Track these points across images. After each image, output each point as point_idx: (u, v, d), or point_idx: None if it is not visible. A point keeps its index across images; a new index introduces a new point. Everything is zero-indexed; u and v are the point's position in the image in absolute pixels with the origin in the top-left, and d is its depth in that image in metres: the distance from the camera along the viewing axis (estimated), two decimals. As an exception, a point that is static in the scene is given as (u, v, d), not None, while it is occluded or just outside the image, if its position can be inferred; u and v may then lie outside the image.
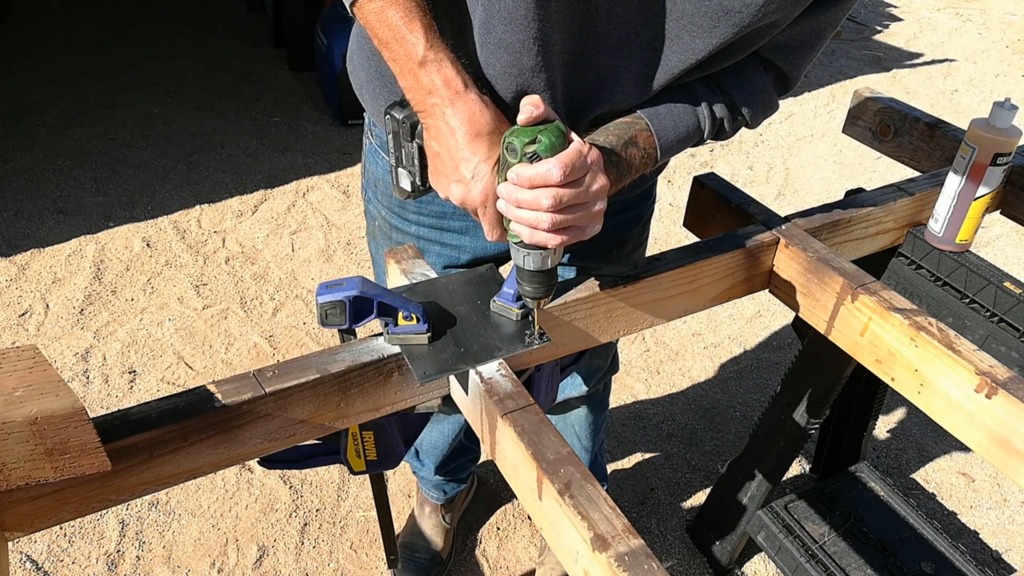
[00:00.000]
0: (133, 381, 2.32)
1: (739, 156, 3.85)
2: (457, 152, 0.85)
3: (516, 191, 0.80)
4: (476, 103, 0.85)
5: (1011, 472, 0.92)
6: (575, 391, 1.62)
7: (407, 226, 1.26)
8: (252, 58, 4.43)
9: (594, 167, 0.82)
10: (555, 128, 0.79)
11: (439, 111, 0.85)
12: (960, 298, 1.23)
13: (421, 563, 1.87)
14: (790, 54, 1.02)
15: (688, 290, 1.08)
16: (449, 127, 0.85)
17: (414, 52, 0.84)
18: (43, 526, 0.75)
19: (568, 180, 0.79)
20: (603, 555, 0.69)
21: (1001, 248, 3.25)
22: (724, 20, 0.89)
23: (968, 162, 1.17)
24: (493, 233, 0.89)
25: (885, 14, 5.95)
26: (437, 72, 0.84)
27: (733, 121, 1.04)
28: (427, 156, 0.91)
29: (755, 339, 2.71)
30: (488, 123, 0.85)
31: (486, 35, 0.91)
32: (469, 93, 0.85)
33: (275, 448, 0.86)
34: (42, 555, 1.85)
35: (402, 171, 0.97)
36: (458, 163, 0.86)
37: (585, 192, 0.81)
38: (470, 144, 0.84)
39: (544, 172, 0.78)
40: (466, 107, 0.84)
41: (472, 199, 0.87)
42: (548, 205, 0.79)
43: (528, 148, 0.78)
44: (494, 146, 0.85)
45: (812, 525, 1.76)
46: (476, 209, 0.88)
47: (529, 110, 0.78)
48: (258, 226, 3.07)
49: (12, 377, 0.66)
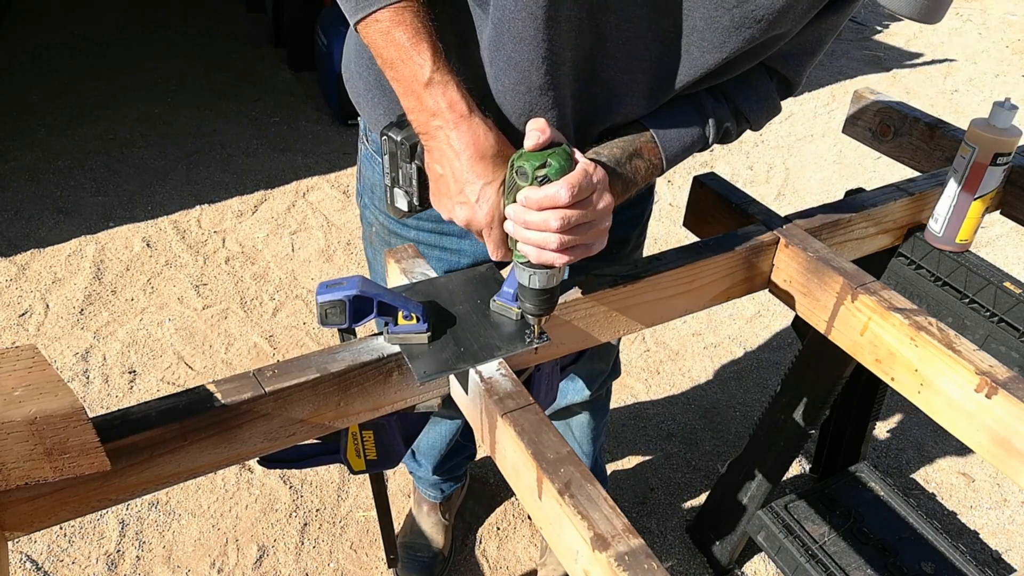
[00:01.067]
0: (133, 381, 2.32)
1: (739, 156, 3.85)
2: (462, 175, 0.86)
3: (525, 213, 0.81)
4: (480, 126, 0.85)
5: (1011, 472, 0.92)
6: (578, 396, 1.61)
7: (406, 231, 1.25)
8: (252, 58, 4.43)
9: (600, 186, 0.83)
10: (563, 152, 0.81)
11: (443, 134, 0.85)
12: (960, 298, 1.23)
13: (424, 561, 1.87)
14: (792, 61, 1.03)
15: (688, 290, 1.08)
16: (454, 150, 0.85)
17: (420, 73, 0.84)
18: (43, 526, 0.75)
19: (576, 201, 0.80)
20: (603, 555, 0.69)
21: (1001, 248, 3.25)
22: (735, 35, 0.89)
23: (968, 162, 1.17)
24: (498, 253, 0.90)
25: (885, 14, 5.95)
26: (442, 95, 0.84)
27: (737, 126, 1.05)
28: (429, 178, 0.92)
29: (755, 339, 2.71)
30: (492, 146, 0.85)
31: (495, 52, 0.91)
32: (474, 117, 0.85)
33: (275, 448, 0.86)
34: (42, 555, 1.85)
35: (398, 191, 0.97)
36: (463, 185, 0.86)
37: (592, 211, 0.83)
38: (474, 167, 0.85)
39: (553, 194, 0.79)
40: (470, 130, 0.85)
41: (478, 221, 0.88)
42: (557, 226, 0.80)
43: (539, 172, 0.80)
44: (498, 168, 0.86)
45: (812, 525, 1.76)
46: (481, 230, 0.89)
47: (536, 135, 0.79)
48: (258, 226, 3.07)
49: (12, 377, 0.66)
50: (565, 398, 1.63)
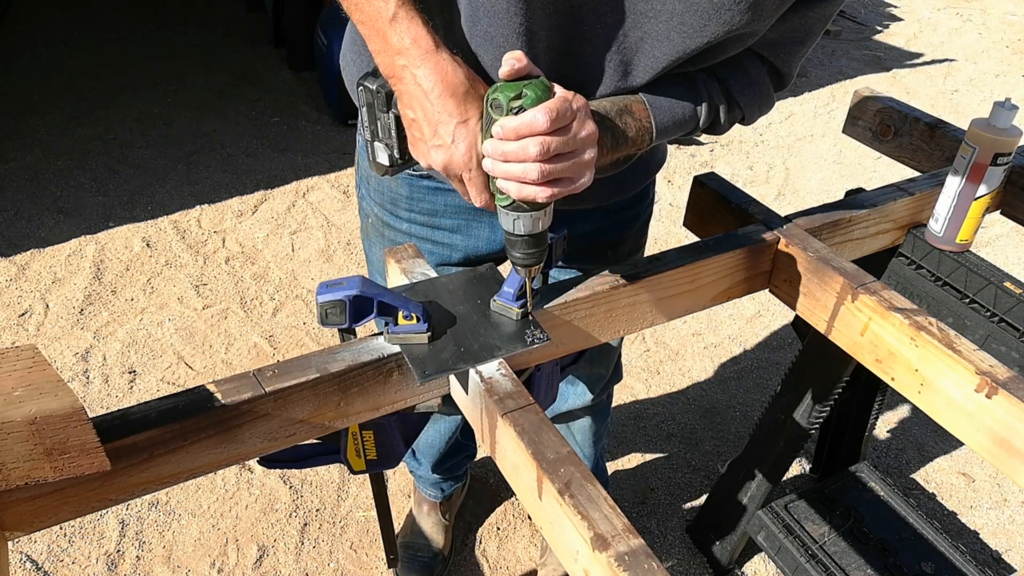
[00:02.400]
0: (133, 381, 2.32)
1: (739, 156, 3.85)
2: (434, 115, 0.82)
3: (502, 144, 0.78)
4: (448, 62, 0.81)
5: (1011, 472, 0.92)
6: (579, 401, 1.61)
7: (399, 223, 1.25)
8: (252, 58, 4.43)
9: (581, 113, 0.80)
10: (540, 83, 0.78)
11: (409, 73, 0.81)
12: (960, 298, 1.23)
13: (424, 561, 1.87)
14: (780, 50, 1.01)
15: (688, 290, 1.08)
16: (422, 89, 0.81)
17: (385, 9, 0.81)
18: (43, 526, 0.75)
19: (555, 127, 0.77)
20: (603, 555, 0.69)
21: (1001, 248, 3.25)
22: (715, 19, 0.88)
23: (968, 162, 1.17)
24: (480, 198, 0.86)
25: (885, 14, 5.95)
26: (407, 30, 0.81)
27: (729, 111, 1.03)
28: (404, 125, 0.87)
29: (755, 339, 2.71)
30: (463, 82, 0.81)
31: (472, 28, 0.91)
32: (440, 52, 0.81)
33: (275, 448, 0.86)
34: (42, 555, 1.85)
35: (379, 145, 0.92)
36: (436, 126, 0.82)
37: (574, 139, 0.79)
38: (445, 105, 0.81)
39: (529, 120, 0.76)
40: (437, 66, 0.81)
41: (455, 163, 0.83)
42: (536, 153, 0.77)
43: (514, 103, 0.77)
44: (472, 106, 0.82)
45: (812, 525, 1.76)
46: (461, 174, 0.85)
47: (511, 63, 0.77)
48: (258, 226, 3.07)
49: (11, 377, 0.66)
50: (566, 402, 1.62)
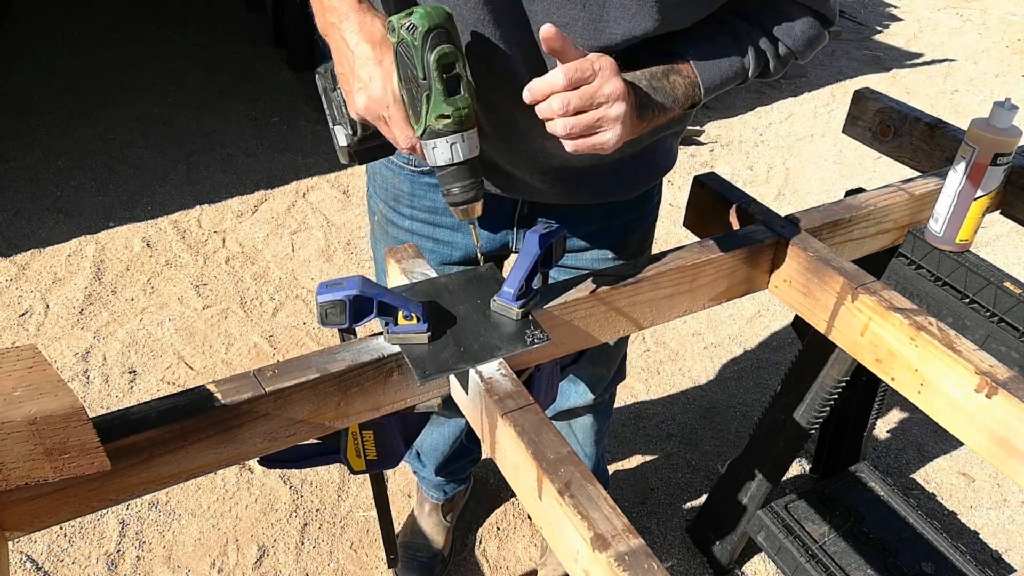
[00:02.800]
0: (133, 381, 2.32)
1: (739, 156, 3.85)
2: (354, 62, 0.86)
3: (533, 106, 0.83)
4: (368, 15, 0.86)
5: (1011, 472, 0.92)
6: (580, 400, 1.61)
7: (401, 220, 1.26)
8: (252, 58, 4.43)
9: (604, 71, 0.83)
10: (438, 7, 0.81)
11: (336, 31, 0.86)
12: (960, 298, 1.23)
13: (423, 562, 1.87)
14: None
15: (688, 290, 1.08)
16: (347, 43, 0.86)
17: None
18: (43, 526, 0.75)
19: (574, 85, 0.81)
20: (603, 555, 0.69)
21: (1001, 248, 3.25)
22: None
23: (968, 162, 1.17)
24: (404, 136, 0.87)
25: (885, 14, 5.95)
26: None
27: (777, 56, 1.02)
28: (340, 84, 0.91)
29: (755, 339, 2.71)
30: (380, 31, 0.85)
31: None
32: (363, 7, 0.86)
33: (275, 448, 0.86)
34: (42, 555, 1.85)
35: (337, 129, 0.96)
36: (356, 70, 0.86)
37: (598, 93, 0.83)
38: (362, 50, 0.85)
39: (550, 80, 0.81)
40: (359, 20, 0.85)
41: (374, 99, 0.86)
42: (558, 108, 0.81)
43: (403, 21, 0.80)
44: (388, 50, 0.85)
45: (812, 525, 1.76)
46: (382, 113, 0.86)
47: None
48: (258, 226, 3.07)
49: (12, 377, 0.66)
50: (568, 400, 1.62)
